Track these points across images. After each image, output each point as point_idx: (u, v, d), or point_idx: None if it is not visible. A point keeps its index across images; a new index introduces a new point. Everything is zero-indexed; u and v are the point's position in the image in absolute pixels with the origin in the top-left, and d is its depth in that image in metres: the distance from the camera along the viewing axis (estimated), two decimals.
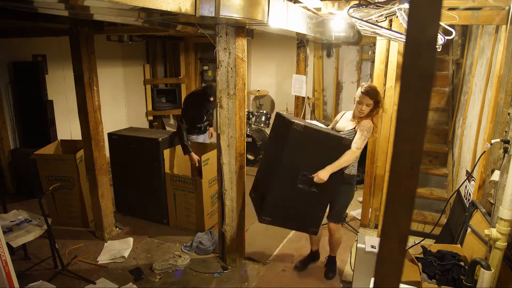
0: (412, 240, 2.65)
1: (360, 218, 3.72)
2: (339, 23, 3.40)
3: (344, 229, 3.59)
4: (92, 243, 3.28)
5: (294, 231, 3.57)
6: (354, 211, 4.02)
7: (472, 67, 3.39)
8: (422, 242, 2.41)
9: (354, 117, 2.61)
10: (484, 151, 2.40)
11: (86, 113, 3.04)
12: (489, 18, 2.66)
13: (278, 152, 2.39)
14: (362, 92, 2.49)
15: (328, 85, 6.14)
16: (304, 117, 4.82)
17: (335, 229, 2.73)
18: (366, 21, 2.59)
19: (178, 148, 3.70)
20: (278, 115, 2.59)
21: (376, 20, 2.77)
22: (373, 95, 2.48)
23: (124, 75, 5.93)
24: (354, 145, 2.44)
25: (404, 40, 0.63)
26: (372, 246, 2.30)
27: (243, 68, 2.59)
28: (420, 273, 2.09)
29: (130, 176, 3.72)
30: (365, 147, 2.79)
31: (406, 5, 2.35)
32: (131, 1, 1.53)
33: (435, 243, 2.76)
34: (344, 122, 2.68)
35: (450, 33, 2.44)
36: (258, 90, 6.01)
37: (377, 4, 2.53)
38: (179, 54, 6.54)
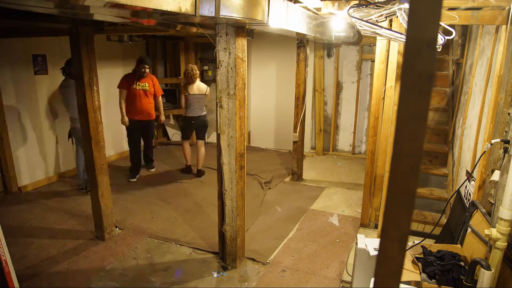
0: (412, 240, 2.64)
1: (360, 218, 3.73)
2: (339, 23, 3.40)
3: (344, 230, 3.60)
4: (91, 243, 3.28)
5: (294, 231, 3.57)
6: (354, 211, 4.02)
7: (472, 67, 3.39)
8: (422, 242, 2.41)
9: None
10: (484, 151, 2.40)
11: (86, 113, 3.04)
12: (489, 18, 2.66)
13: None
14: None
15: (328, 85, 6.15)
16: (304, 118, 4.83)
17: (200, 145, 4.84)
18: (366, 21, 2.59)
19: None
20: None
21: (376, 20, 2.77)
22: None
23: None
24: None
25: (404, 40, 0.63)
26: (376, 249, 2.30)
27: (243, 68, 2.59)
28: (420, 273, 2.09)
29: None
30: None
31: (406, 5, 2.35)
32: (131, 1, 1.53)
33: (435, 243, 2.75)
34: None
35: (450, 33, 2.44)
36: None
37: (377, 4, 2.53)
38: (179, 54, 6.55)
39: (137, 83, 4.65)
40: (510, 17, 2.33)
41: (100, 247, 3.22)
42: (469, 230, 2.34)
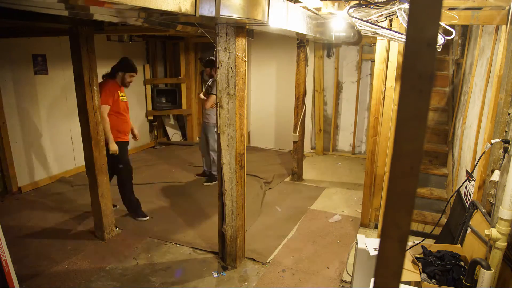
0: (412, 240, 2.64)
1: (360, 218, 3.72)
2: (339, 23, 3.40)
3: (344, 230, 3.60)
4: (91, 243, 3.28)
5: (294, 231, 3.57)
6: (354, 211, 4.02)
7: (472, 67, 3.39)
8: (422, 242, 2.41)
9: None
10: (484, 151, 2.40)
11: (86, 113, 3.04)
12: (489, 18, 2.66)
13: None
14: None
15: (328, 85, 6.15)
16: (304, 118, 4.83)
17: None
18: (366, 21, 2.59)
19: None
20: None
21: (376, 20, 2.77)
22: None
23: None
24: None
25: (404, 40, 0.63)
26: (376, 249, 2.31)
27: (243, 68, 2.59)
28: (420, 273, 2.09)
29: None
30: None
31: (406, 5, 2.35)
32: (131, 1, 1.53)
33: (435, 243, 2.75)
34: None
35: (450, 33, 2.44)
36: None
37: (377, 4, 2.53)
38: (179, 54, 6.55)
39: (121, 94, 3.54)
40: (510, 17, 2.34)
41: (100, 247, 3.22)
42: (469, 230, 2.34)
